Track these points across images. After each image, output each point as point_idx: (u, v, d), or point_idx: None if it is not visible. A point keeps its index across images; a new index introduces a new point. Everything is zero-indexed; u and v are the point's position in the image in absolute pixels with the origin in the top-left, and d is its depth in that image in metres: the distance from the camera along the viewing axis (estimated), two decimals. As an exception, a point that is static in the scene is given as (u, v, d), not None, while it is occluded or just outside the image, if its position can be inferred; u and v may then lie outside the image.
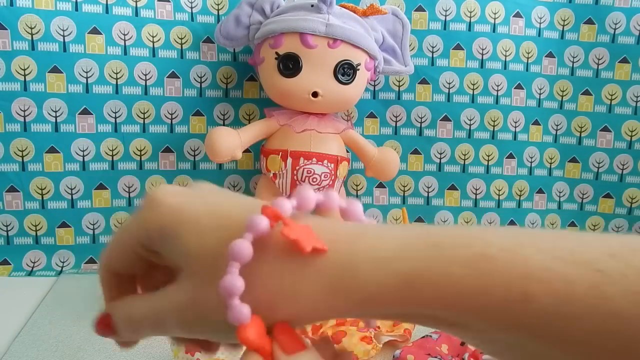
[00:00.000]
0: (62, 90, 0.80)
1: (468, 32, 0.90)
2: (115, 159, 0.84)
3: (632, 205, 0.96)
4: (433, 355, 0.57)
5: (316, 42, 0.74)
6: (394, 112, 0.92)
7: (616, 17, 0.91)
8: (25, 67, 0.78)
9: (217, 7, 0.85)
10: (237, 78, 0.87)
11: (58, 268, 0.84)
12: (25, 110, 0.79)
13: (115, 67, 0.82)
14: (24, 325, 0.66)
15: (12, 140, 0.80)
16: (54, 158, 0.82)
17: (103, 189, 0.85)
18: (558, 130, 0.96)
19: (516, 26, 0.91)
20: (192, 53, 0.85)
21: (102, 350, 0.61)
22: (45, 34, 0.78)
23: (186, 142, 0.87)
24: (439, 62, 0.90)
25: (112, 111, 0.83)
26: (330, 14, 0.74)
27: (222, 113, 0.87)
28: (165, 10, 0.83)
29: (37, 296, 0.74)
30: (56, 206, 0.83)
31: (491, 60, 0.91)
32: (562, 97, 0.95)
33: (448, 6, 0.89)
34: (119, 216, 0.86)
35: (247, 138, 0.78)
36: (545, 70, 0.94)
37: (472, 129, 0.93)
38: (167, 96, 0.85)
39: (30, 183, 0.81)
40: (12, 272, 0.83)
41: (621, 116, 0.93)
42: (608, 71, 0.93)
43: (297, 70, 0.75)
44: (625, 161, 0.95)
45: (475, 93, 0.92)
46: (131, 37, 0.82)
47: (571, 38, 0.93)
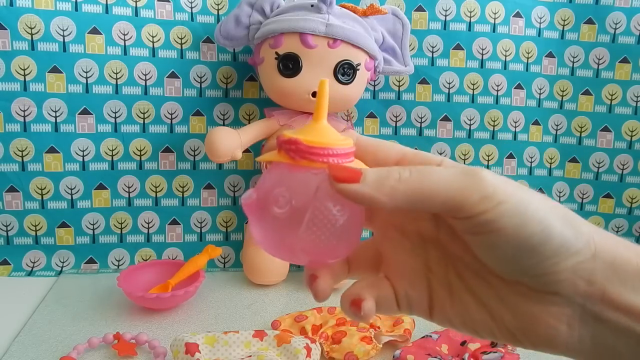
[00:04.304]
0: (62, 90, 0.80)
1: (468, 32, 0.90)
2: (115, 159, 0.84)
3: (632, 205, 0.96)
4: (433, 355, 0.57)
5: (316, 42, 0.74)
6: (394, 112, 0.92)
7: (616, 17, 0.91)
8: (25, 67, 0.78)
9: (217, 7, 0.85)
10: (237, 78, 0.87)
11: (58, 268, 0.84)
12: (25, 110, 0.79)
13: (115, 67, 0.82)
14: (24, 325, 0.66)
15: (12, 140, 0.80)
16: (54, 158, 0.82)
17: (103, 189, 0.85)
18: (558, 130, 0.96)
19: (516, 26, 0.91)
20: (192, 53, 0.85)
21: (101, 351, 0.61)
22: (45, 34, 0.78)
23: (186, 142, 0.87)
24: (439, 62, 0.90)
25: (112, 111, 0.83)
26: (330, 14, 0.74)
27: (222, 113, 0.87)
28: (165, 10, 0.83)
29: (37, 296, 0.74)
30: (56, 206, 0.83)
31: (491, 60, 0.91)
32: (562, 97, 0.95)
33: (448, 6, 0.89)
34: (118, 216, 0.86)
35: (247, 138, 0.78)
36: (545, 70, 0.94)
37: (472, 129, 0.93)
38: (167, 96, 0.85)
39: (30, 183, 0.81)
40: (12, 272, 0.83)
41: (621, 116, 0.93)
42: (608, 71, 0.93)
43: (297, 70, 0.75)
44: (625, 161, 0.95)
45: (475, 93, 0.92)
46: (131, 37, 0.82)
47: (571, 38, 0.93)
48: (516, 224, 0.23)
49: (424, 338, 0.61)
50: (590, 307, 0.25)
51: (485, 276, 0.27)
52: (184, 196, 0.88)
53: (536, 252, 0.24)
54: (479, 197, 0.23)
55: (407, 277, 0.29)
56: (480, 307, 0.27)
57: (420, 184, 0.24)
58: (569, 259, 0.24)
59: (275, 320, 0.66)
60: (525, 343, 0.26)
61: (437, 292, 0.28)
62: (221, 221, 0.90)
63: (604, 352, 0.25)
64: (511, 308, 0.26)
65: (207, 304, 0.74)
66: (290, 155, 0.26)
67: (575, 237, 0.24)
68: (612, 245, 0.25)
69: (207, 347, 0.56)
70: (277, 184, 0.26)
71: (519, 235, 0.23)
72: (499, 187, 0.24)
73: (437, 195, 0.24)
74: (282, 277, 0.81)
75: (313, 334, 0.63)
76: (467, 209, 0.24)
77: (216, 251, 0.78)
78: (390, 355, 0.59)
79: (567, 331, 0.25)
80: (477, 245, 0.25)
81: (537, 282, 0.25)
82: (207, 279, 0.76)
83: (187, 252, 0.88)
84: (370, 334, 0.62)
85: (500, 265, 0.25)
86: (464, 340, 0.61)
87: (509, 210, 0.23)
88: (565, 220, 0.24)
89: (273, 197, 0.26)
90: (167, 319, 0.69)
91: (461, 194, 0.24)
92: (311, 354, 0.56)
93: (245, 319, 0.70)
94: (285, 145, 0.26)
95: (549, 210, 0.24)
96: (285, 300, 0.77)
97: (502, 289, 0.26)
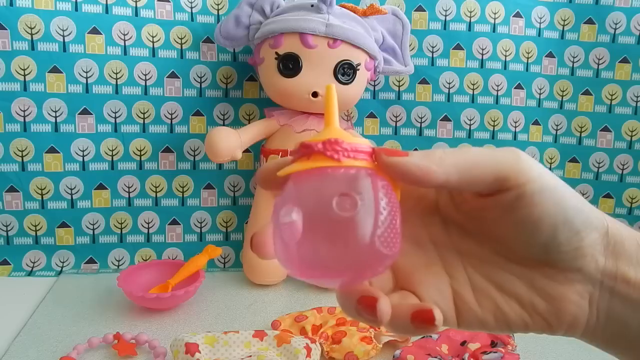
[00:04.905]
0: (62, 90, 0.80)
1: (468, 32, 0.90)
2: (115, 159, 0.84)
3: (632, 205, 0.96)
4: (433, 355, 0.57)
5: (316, 42, 0.74)
6: (394, 112, 0.92)
7: (616, 17, 0.91)
8: (25, 67, 0.78)
9: (217, 7, 0.85)
10: (237, 78, 0.87)
11: (58, 268, 0.84)
12: (25, 110, 0.79)
13: (115, 67, 0.82)
14: (24, 325, 0.66)
15: (12, 140, 0.80)
16: (54, 158, 0.82)
17: (103, 189, 0.85)
18: (558, 130, 0.96)
19: (516, 26, 0.91)
20: (192, 53, 0.85)
21: (101, 351, 0.61)
22: (45, 34, 0.78)
23: (186, 142, 0.87)
24: (439, 62, 0.90)
25: (112, 111, 0.83)
26: (330, 14, 0.74)
27: (222, 113, 0.87)
28: (165, 10, 0.83)
29: (37, 296, 0.74)
30: (56, 206, 0.83)
31: (491, 60, 0.91)
32: (562, 97, 0.95)
33: (448, 6, 0.89)
34: (118, 216, 0.86)
35: (247, 138, 0.78)
36: (545, 70, 0.94)
37: (472, 129, 0.93)
38: (167, 96, 0.85)
39: (30, 183, 0.81)
40: (12, 272, 0.83)
41: (621, 116, 0.93)
42: (608, 71, 0.93)
43: (297, 70, 0.75)
44: (625, 161, 0.95)
45: (475, 93, 0.92)
46: (131, 37, 0.82)
47: (571, 38, 0.93)
48: (557, 197, 0.25)
49: (424, 338, 0.61)
50: (607, 282, 0.26)
51: (507, 267, 0.27)
52: (184, 196, 0.88)
53: (569, 226, 0.25)
54: (523, 167, 0.24)
55: (433, 286, 0.28)
56: (509, 298, 0.27)
57: (465, 155, 0.25)
58: (592, 232, 0.25)
59: (275, 320, 0.66)
60: (557, 328, 0.27)
61: (461, 296, 0.28)
62: (221, 221, 0.90)
63: (615, 327, 0.26)
64: (541, 292, 0.26)
65: (207, 304, 0.74)
66: (334, 157, 0.24)
67: (593, 211, 0.26)
68: (616, 223, 0.26)
69: (207, 347, 0.56)
70: (329, 187, 0.24)
71: (558, 207, 0.25)
72: (534, 162, 0.25)
73: (485, 165, 0.24)
74: (282, 277, 0.81)
75: (313, 334, 0.63)
76: (513, 178, 0.24)
77: (216, 251, 0.78)
78: (390, 355, 0.59)
79: (588, 309, 0.26)
80: (516, 222, 0.25)
81: (564, 258, 0.25)
82: (207, 279, 0.76)
83: (187, 252, 0.88)
84: (370, 334, 0.62)
85: (533, 242, 0.26)
86: (464, 340, 0.61)
87: (549, 183, 0.25)
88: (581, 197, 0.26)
89: (334, 200, 0.23)
90: (167, 319, 0.69)
91: (506, 164, 0.24)
92: (311, 354, 0.56)
93: (245, 319, 0.70)
94: (326, 146, 0.24)
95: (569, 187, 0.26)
96: (285, 300, 0.77)
97: (528, 275, 0.27)
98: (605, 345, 0.27)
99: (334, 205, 0.23)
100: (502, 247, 0.27)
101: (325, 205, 0.23)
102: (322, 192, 0.24)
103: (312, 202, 0.24)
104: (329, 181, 0.24)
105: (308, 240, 0.24)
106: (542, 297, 0.26)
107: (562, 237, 0.25)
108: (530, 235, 0.25)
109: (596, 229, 0.25)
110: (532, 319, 0.27)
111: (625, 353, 0.27)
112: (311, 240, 0.24)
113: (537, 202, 0.24)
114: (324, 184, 0.24)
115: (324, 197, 0.24)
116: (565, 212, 0.25)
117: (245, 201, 0.90)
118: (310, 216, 0.24)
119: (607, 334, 0.27)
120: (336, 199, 0.23)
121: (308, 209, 0.24)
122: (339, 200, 0.23)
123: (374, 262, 0.24)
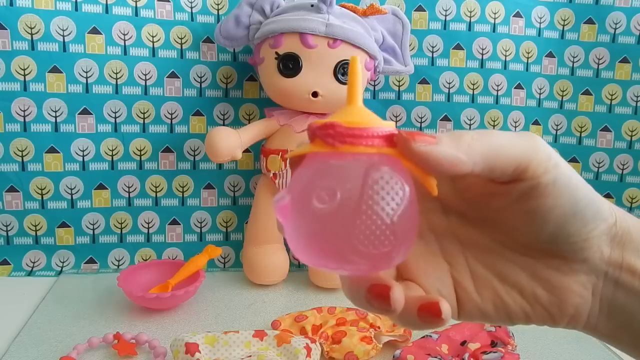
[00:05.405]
0: (62, 90, 0.80)
1: (468, 32, 0.90)
2: (115, 159, 0.84)
3: (632, 205, 0.96)
4: (433, 355, 0.57)
5: (316, 42, 0.74)
6: (394, 112, 0.92)
7: (616, 17, 0.91)
8: (25, 67, 0.78)
9: (217, 7, 0.85)
10: (237, 78, 0.87)
11: (58, 268, 0.84)
12: (25, 110, 0.79)
13: (115, 67, 0.82)
14: (24, 325, 0.66)
15: (12, 140, 0.80)
16: (54, 158, 0.82)
17: (103, 189, 0.85)
18: (558, 130, 0.96)
19: (516, 26, 0.91)
20: (192, 53, 0.85)
21: (101, 350, 0.61)
22: (45, 34, 0.78)
23: (186, 142, 0.87)
24: (439, 62, 0.90)
25: (112, 111, 0.83)
26: (330, 14, 0.74)
27: (222, 113, 0.87)
28: (165, 10, 0.83)
29: (37, 296, 0.74)
30: (56, 206, 0.83)
31: (491, 60, 0.91)
32: (562, 97, 0.95)
33: (448, 6, 0.89)
34: (118, 216, 0.86)
35: (247, 138, 0.78)
36: (545, 70, 0.94)
37: (473, 128, 0.93)
38: (167, 96, 0.85)
39: (30, 183, 0.81)
40: (12, 272, 0.83)
41: (621, 116, 0.93)
42: (608, 71, 0.93)
43: (297, 70, 0.75)
44: (625, 161, 0.95)
45: (475, 93, 0.92)
46: (131, 37, 0.82)
47: (571, 38, 0.93)
48: (570, 189, 0.24)
49: (424, 338, 0.61)
50: (612, 273, 0.26)
51: (509, 256, 0.27)
52: (184, 196, 0.88)
53: (580, 217, 0.25)
54: (541, 158, 0.24)
55: (434, 275, 0.27)
56: (510, 288, 0.27)
57: (491, 141, 0.23)
58: (602, 224, 0.25)
59: (275, 320, 0.66)
60: (560, 319, 0.26)
61: (461, 285, 0.27)
62: (221, 221, 0.90)
63: (619, 318, 0.26)
64: (543, 282, 0.26)
65: (207, 304, 0.74)
66: (329, 142, 0.22)
67: (602, 202, 0.25)
68: (623, 214, 0.26)
69: (207, 347, 0.56)
70: (317, 177, 0.23)
71: (571, 198, 0.24)
72: (551, 151, 0.24)
73: (508, 154, 0.24)
74: (282, 277, 0.81)
75: (313, 334, 0.63)
76: (532, 167, 0.24)
77: (216, 251, 0.78)
78: (390, 355, 0.59)
79: (591, 300, 0.26)
80: (525, 211, 0.25)
81: (571, 249, 0.25)
82: (207, 279, 0.76)
83: (187, 252, 0.88)
84: (370, 334, 0.62)
85: (541, 232, 0.25)
86: (464, 340, 0.61)
87: (564, 174, 0.24)
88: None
89: (314, 192, 0.22)
90: (167, 319, 0.69)
91: (527, 155, 0.24)
92: (311, 354, 0.56)
93: (245, 319, 0.70)
94: (321, 131, 0.23)
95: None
96: (285, 300, 0.77)
97: (531, 265, 0.26)
98: (608, 337, 0.27)
99: (312, 197, 0.22)
100: (506, 236, 0.26)
101: (307, 196, 0.23)
102: (307, 181, 0.23)
103: (298, 190, 0.23)
104: (314, 170, 0.23)
105: (299, 230, 0.23)
106: (545, 288, 0.26)
107: (572, 229, 0.25)
108: (539, 225, 0.25)
109: (605, 220, 0.25)
110: (533, 310, 0.26)
111: (629, 344, 0.27)
112: (301, 230, 0.23)
113: (550, 192, 0.24)
114: (309, 173, 0.23)
115: (307, 187, 0.23)
116: (576, 204, 0.24)
117: (245, 201, 0.90)
118: (296, 203, 0.23)
119: (611, 326, 0.26)
120: (314, 191, 0.23)
121: (296, 196, 0.23)
122: (317, 191, 0.22)
123: (371, 257, 0.23)
